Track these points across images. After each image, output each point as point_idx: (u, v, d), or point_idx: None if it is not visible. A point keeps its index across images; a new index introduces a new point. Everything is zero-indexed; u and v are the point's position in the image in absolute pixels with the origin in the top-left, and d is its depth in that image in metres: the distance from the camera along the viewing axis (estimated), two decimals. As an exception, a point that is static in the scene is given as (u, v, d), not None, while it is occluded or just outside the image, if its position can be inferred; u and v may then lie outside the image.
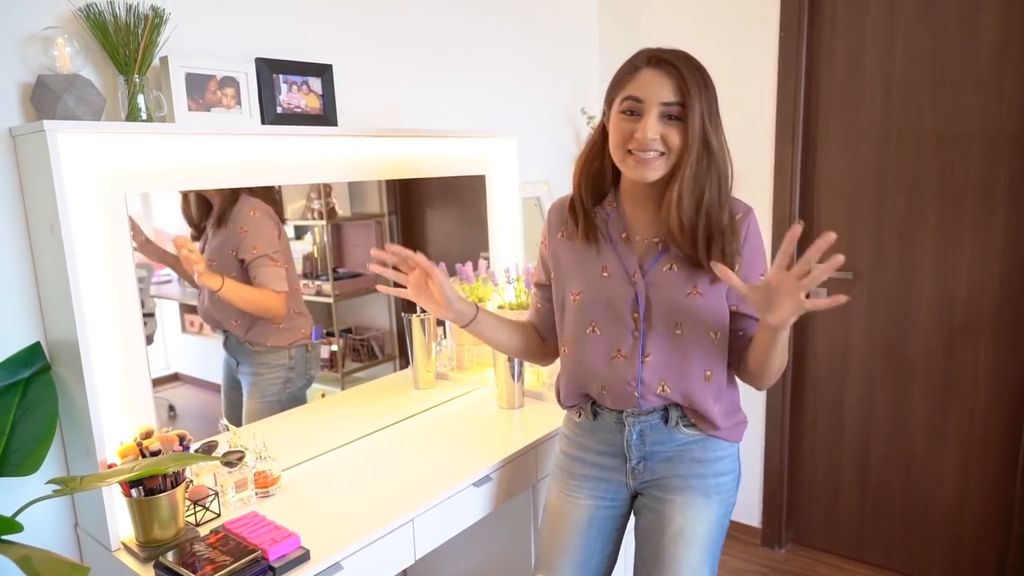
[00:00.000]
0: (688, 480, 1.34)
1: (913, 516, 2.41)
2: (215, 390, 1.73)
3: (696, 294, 1.27)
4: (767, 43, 2.38)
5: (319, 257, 1.94)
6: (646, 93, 1.19)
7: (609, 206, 1.35)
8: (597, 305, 1.32)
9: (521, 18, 2.39)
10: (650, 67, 1.20)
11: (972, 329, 2.20)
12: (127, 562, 1.27)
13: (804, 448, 2.60)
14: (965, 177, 2.14)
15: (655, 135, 1.18)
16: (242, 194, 1.65)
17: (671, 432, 1.34)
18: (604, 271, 1.32)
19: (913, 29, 2.16)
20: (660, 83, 1.19)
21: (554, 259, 1.41)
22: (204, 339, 1.69)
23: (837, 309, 2.40)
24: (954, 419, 2.27)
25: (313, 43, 1.74)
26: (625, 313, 1.30)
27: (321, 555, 1.25)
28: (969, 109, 2.11)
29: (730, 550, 2.66)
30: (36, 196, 1.25)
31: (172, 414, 1.61)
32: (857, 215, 2.35)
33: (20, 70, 1.27)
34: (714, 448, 1.35)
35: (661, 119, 1.19)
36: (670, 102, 1.18)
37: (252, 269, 1.69)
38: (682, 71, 1.18)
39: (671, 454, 1.36)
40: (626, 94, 1.22)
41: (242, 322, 1.72)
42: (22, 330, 1.32)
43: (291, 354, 1.81)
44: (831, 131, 2.36)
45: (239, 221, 1.65)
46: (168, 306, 1.60)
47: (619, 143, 1.23)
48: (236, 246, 1.66)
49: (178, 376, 1.62)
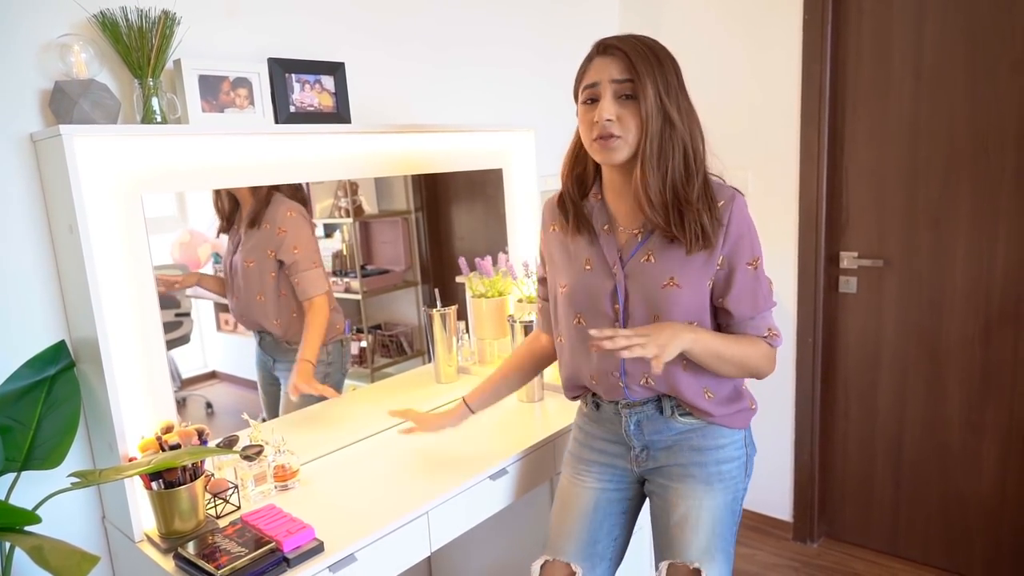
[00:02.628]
0: (688, 468, 1.36)
1: (951, 510, 2.33)
2: (252, 387, 1.77)
3: (673, 286, 1.27)
4: (791, 26, 2.32)
5: (347, 255, 1.96)
6: (598, 76, 1.23)
7: (595, 198, 1.37)
8: (581, 297, 1.35)
9: (539, 10, 2.38)
10: (599, 54, 1.25)
11: (1010, 317, 2.12)
12: (150, 553, 1.31)
13: (836, 440, 2.54)
14: (1001, 161, 2.06)
15: (611, 115, 1.21)
16: (275, 194, 1.67)
17: (668, 421, 1.35)
18: (587, 264, 1.35)
19: (943, 7, 2.09)
20: (609, 65, 1.22)
21: (548, 253, 1.46)
22: (239, 337, 1.73)
23: (868, 297, 2.36)
24: (992, 411, 2.20)
25: (325, 41, 1.76)
26: (606, 305, 1.32)
27: (335, 546, 1.27)
28: (1004, 91, 2.03)
29: (761, 544, 2.62)
30: (57, 198, 1.30)
31: (210, 411, 1.65)
32: (887, 201, 2.28)
33: (39, 77, 1.31)
34: (715, 436, 1.36)
35: (617, 100, 1.22)
36: (620, 79, 1.21)
37: (294, 274, 1.73)
38: (628, 52, 1.21)
39: (671, 442, 1.37)
40: (584, 84, 1.26)
41: (280, 321, 1.75)
42: (48, 329, 1.37)
43: (328, 350, 1.84)
44: (859, 115, 2.29)
45: (276, 222, 1.68)
46: (204, 305, 1.64)
47: (586, 132, 1.27)
48: (276, 247, 1.69)
49: (215, 374, 1.66)
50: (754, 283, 1.28)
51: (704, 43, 2.53)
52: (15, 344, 1.33)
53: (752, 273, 1.28)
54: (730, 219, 1.25)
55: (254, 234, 1.66)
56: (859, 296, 2.39)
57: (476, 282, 2.12)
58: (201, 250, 1.60)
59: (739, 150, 2.50)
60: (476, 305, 2.12)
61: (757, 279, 1.28)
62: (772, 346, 1.32)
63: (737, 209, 1.26)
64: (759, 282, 1.29)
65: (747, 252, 1.27)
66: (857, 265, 2.37)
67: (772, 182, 2.47)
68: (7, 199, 1.30)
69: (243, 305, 1.70)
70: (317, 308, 1.77)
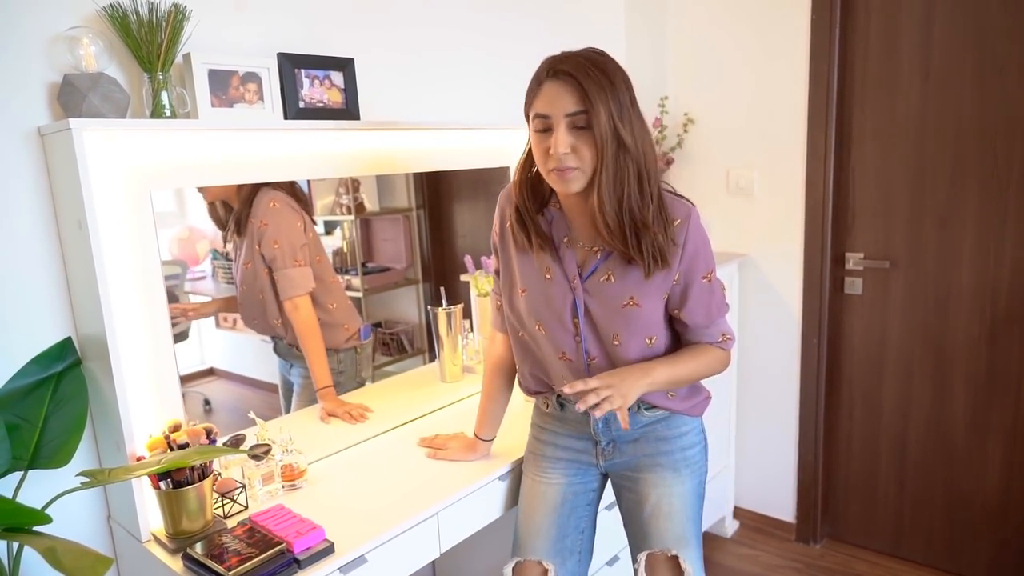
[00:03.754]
0: (656, 458, 1.42)
1: (955, 512, 2.33)
2: (250, 384, 1.75)
3: (633, 305, 1.30)
4: (798, 26, 2.32)
5: (348, 252, 1.95)
6: (551, 108, 1.19)
7: (554, 207, 1.37)
8: (540, 306, 1.36)
9: (546, 10, 2.37)
10: (550, 79, 1.20)
11: (1017, 319, 2.12)
12: (157, 553, 1.29)
13: (840, 441, 2.54)
14: (1008, 162, 2.06)
15: (566, 148, 1.18)
16: (261, 188, 1.63)
17: (634, 416, 1.40)
18: (547, 272, 1.35)
19: (952, 10, 2.08)
20: (561, 95, 1.18)
21: (503, 246, 1.43)
22: (238, 334, 1.71)
23: (874, 298, 2.36)
24: (997, 412, 2.20)
25: (335, 37, 1.74)
26: (566, 318, 1.34)
27: (346, 548, 1.26)
28: (1013, 92, 2.02)
29: (764, 545, 2.62)
30: (64, 193, 1.28)
31: (207, 408, 1.63)
32: (894, 202, 2.28)
33: (47, 70, 1.29)
34: (678, 424, 1.42)
35: (571, 130, 1.19)
36: (573, 112, 1.18)
37: (275, 271, 1.65)
38: (579, 79, 1.16)
39: (637, 435, 1.43)
40: (535, 111, 1.23)
41: (282, 321, 1.71)
42: (54, 325, 1.35)
43: (339, 358, 1.79)
44: (866, 116, 2.29)
45: (258, 215, 1.62)
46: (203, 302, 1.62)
47: (540, 160, 1.25)
48: (259, 240, 1.64)
49: (213, 371, 1.65)
50: (708, 295, 1.32)
51: (710, 40, 2.52)
52: (20, 340, 1.31)
53: (707, 286, 1.32)
54: (686, 238, 1.27)
55: (245, 236, 1.63)
56: (864, 298, 2.39)
57: (482, 281, 2.11)
58: (199, 246, 1.59)
59: (746, 149, 2.50)
60: (482, 304, 2.11)
61: (711, 290, 1.33)
62: (724, 350, 1.38)
63: (693, 227, 1.28)
64: (713, 293, 1.33)
65: (702, 267, 1.30)
66: (863, 266, 2.37)
67: (778, 182, 2.46)
68: (13, 194, 1.28)
69: (247, 309, 1.67)
70: (298, 311, 1.68)
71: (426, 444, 1.67)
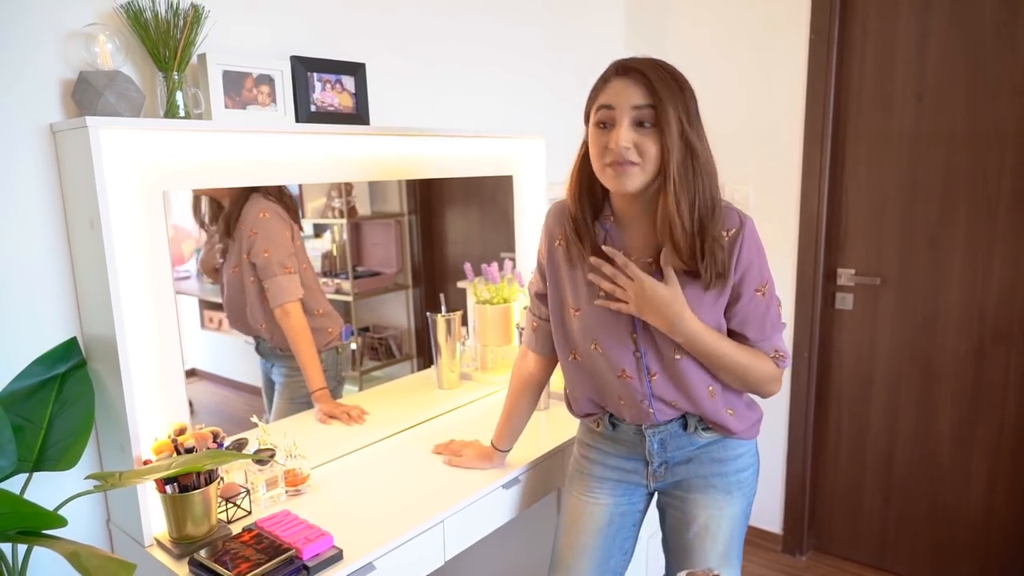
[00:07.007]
0: (710, 479, 1.37)
1: (939, 526, 2.38)
2: (232, 386, 1.74)
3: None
4: (797, 46, 2.36)
5: (338, 255, 1.94)
6: (616, 100, 1.17)
7: (607, 221, 1.31)
8: (595, 323, 1.30)
9: (548, 23, 2.39)
10: (619, 76, 1.18)
11: (1003, 337, 2.17)
12: (160, 558, 1.27)
13: (827, 454, 2.58)
14: (998, 183, 2.12)
15: (627, 143, 1.15)
16: (252, 195, 1.63)
17: (691, 437, 1.36)
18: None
19: (946, 33, 2.14)
20: (629, 89, 1.16)
21: (552, 270, 1.38)
22: (223, 335, 1.70)
23: (864, 314, 2.40)
24: (982, 428, 2.25)
25: (347, 42, 1.74)
26: (624, 335, 1.29)
27: (354, 555, 1.25)
28: (1004, 116, 2.08)
29: (751, 556, 2.65)
30: (76, 192, 1.26)
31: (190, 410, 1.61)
32: (886, 220, 2.32)
33: (61, 66, 1.27)
34: (734, 447, 1.37)
35: (635, 127, 1.16)
36: (640, 105, 1.15)
37: (264, 279, 1.67)
38: (650, 76, 1.15)
39: (691, 456, 1.38)
40: (599, 103, 1.20)
41: (267, 326, 1.72)
42: (59, 325, 1.33)
43: (321, 358, 1.80)
44: (861, 135, 2.33)
45: (248, 224, 1.64)
46: (187, 302, 1.60)
47: (597, 156, 1.21)
48: (248, 249, 1.65)
49: (195, 372, 1.63)
50: (763, 309, 1.27)
51: (709, 57, 2.56)
52: (24, 340, 1.28)
53: (761, 300, 1.26)
54: (741, 248, 1.22)
55: (233, 239, 1.64)
56: (855, 312, 2.43)
57: (481, 288, 2.11)
58: (184, 245, 1.58)
59: (742, 165, 2.53)
60: (480, 311, 2.11)
61: (767, 305, 1.27)
62: (777, 367, 1.31)
63: (748, 237, 1.23)
64: (768, 308, 1.27)
65: (756, 279, 1.25)
66: (854, 282, 2.41)
67: (773, 198, 2.50)
68: (23, 192, 1.26)
69: (232, 310, 1.68)
70: (289, 317, 1.71)
71: (441, 450, 1.66)
